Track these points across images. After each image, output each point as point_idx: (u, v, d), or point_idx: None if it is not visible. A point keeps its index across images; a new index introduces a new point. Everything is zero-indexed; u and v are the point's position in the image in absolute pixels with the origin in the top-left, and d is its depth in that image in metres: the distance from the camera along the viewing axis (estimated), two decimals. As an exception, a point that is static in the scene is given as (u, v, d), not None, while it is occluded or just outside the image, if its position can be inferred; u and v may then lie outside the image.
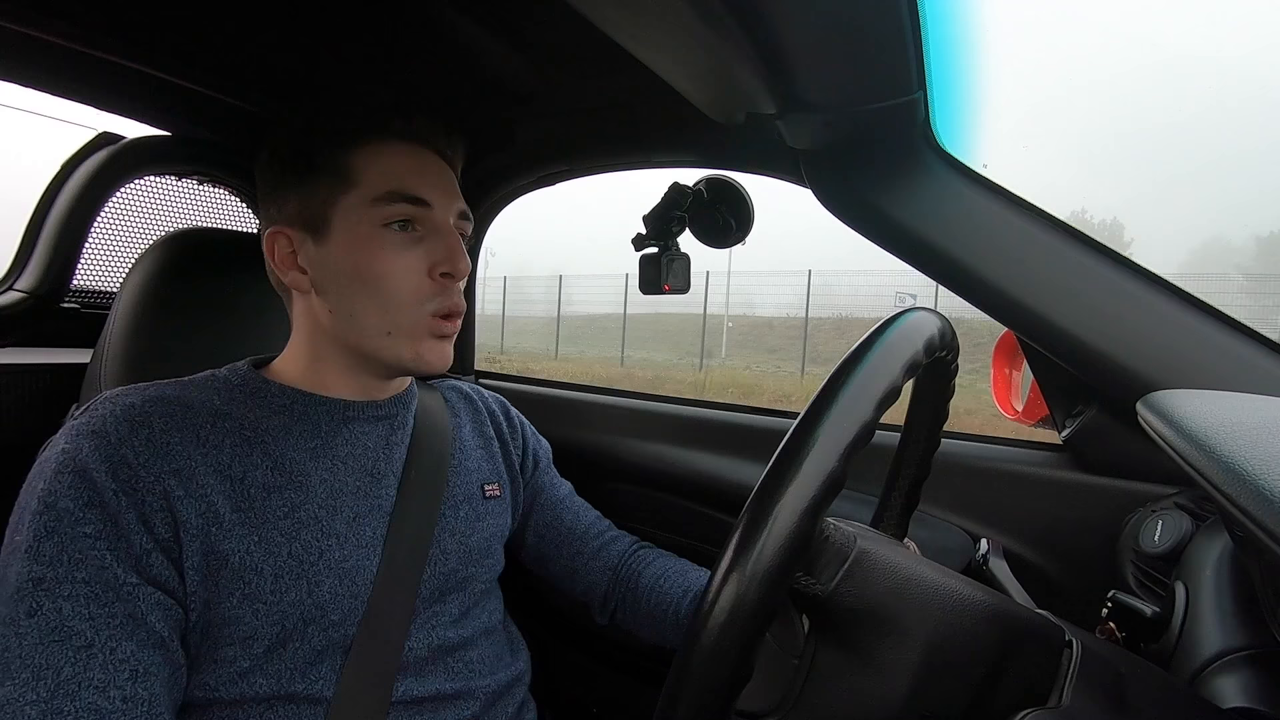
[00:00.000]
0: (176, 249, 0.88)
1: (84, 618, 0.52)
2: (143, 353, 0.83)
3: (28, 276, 1.09)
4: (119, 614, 0.53)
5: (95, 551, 0.53)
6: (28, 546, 0.53)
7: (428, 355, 0.70)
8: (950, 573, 0.47)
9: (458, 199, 0.74)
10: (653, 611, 0.85)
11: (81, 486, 0.55)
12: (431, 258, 0.69)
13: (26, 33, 0.83)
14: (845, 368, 0.43)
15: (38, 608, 0.51)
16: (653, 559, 0.90)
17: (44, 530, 0.53)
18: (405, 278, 0.68)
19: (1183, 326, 0.72)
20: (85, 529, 0.54)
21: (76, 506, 0.54)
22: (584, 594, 0.92)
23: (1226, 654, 0.52)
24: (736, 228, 0.98)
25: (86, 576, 0.53)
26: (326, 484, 0.67)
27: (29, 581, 0.52)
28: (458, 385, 0.93)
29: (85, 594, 0.52)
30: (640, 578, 0.88)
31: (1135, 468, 0.80)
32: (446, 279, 0.70)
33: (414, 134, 0.71)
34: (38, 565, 0.52)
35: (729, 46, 0.58)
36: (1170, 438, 0.51)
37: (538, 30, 0.85)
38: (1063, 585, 0.83)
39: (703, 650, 0.36)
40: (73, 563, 0.53)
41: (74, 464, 0.55)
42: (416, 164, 0.70)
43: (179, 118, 1.13)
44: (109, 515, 0.55)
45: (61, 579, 0.52)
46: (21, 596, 0.51)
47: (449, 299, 0.70)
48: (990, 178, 0.78)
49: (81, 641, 0.51)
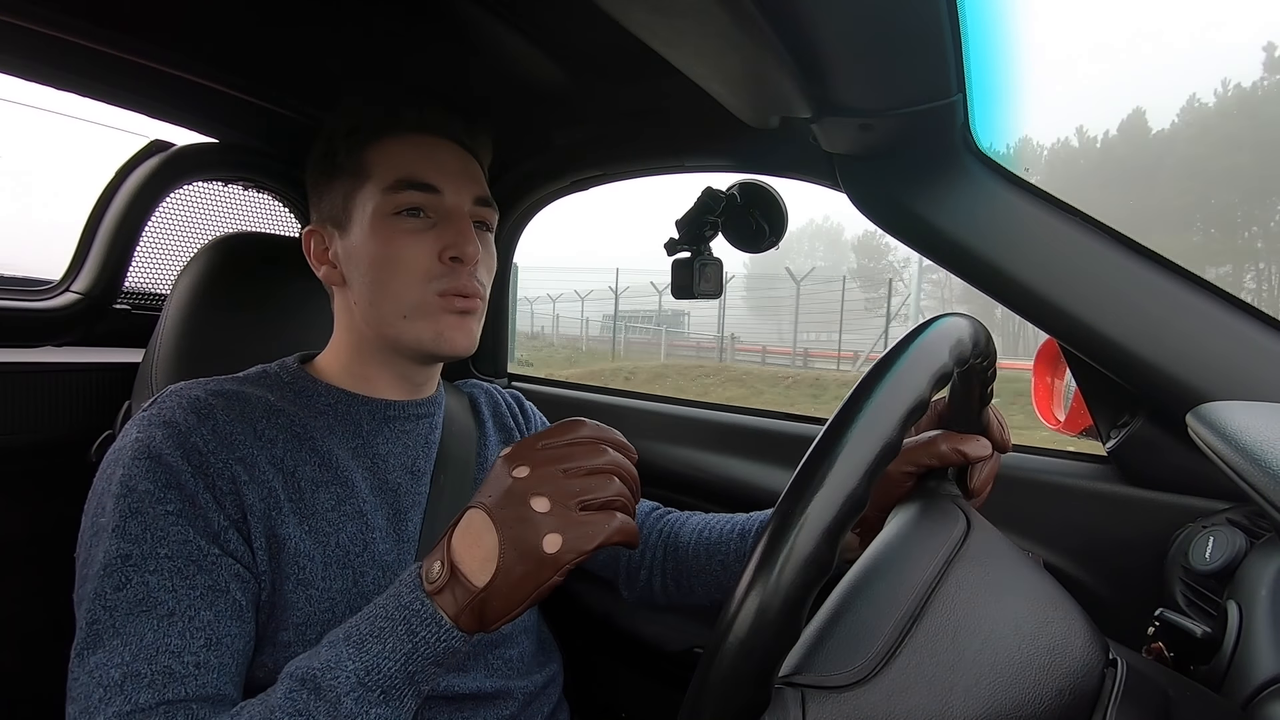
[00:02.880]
0: (224, 252, 0.91)
1: (168, 589, 0.55)
2: (193, 351, 0.86)
3: (83, 279, 1.14)
4: (200, 585, 0.56)
5: (178, 528, 0.57)
6: (115, 526, 0.56)
7: (449, 333, 0.71)
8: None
9: (474, 184, 0.74)
10: (706, 565, 0.82)
11: (159, 470, 0.58)
12: (441, 241, 0.70)
13: (80, 43, 0.87)
14: (868, 382, 0.42)
15: (126, 582, 0.54)
16: (685, 517, 0.88)
17: (129, 511, 0.56)
18: (415, 262, 0.69)
19: (1236, 334, 0.70)
20: (167, 507, 0.57)
21: (156, 488, 0.57)
22: (606, 566, 0.90)
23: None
24: (770, 232, 0.97)
25: (170, 552, 0.56)
26: (368, 481, 0.70)
27: (118, 558, 0.55)
28: (480, 384, 0.94)
29: (169, 568, 0.56)
30: (679, 536, 0.85)
31: (1184, 481, 0.77)
32: (455, 263, 0.70)
33: (426, 124, 0.73)
34: (125, 543, 0.56)
35: (763, 50, 0.57)
36: (1223, 451, 0.49)
37: (574, 36, 0.85)
38: (1108, 602, 0.80)
39: (721, 671, 0.35)
40: (156, 540, 0.56)
41: (149, 450, 0.59)
42: (427, 152, 0.72)
43: (225, 125, 1.17)
44: (186, 495, 0.58)
45: (147, 555, 0.55)
46: (109, 572, 0.55)
47: (457, 279, 0.70)
48: (1032, 181, 0.76)
49: (164, 610, 0.54)
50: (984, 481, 0.65)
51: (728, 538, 0.81)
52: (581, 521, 0.50)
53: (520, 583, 0.49)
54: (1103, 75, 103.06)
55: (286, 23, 0.87)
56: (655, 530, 0.88)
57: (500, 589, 0.49)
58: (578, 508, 0.50)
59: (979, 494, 0.65)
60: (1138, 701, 0.43)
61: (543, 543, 0.48)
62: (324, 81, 1.02)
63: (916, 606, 0.44)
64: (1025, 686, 0.41)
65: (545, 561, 0.49)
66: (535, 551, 0.48)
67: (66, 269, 1.15)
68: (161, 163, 1.14)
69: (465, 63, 0.93)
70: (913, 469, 0.64)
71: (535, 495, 0.49)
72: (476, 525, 0.50)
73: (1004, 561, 0.50)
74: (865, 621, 0.43)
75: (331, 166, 0.73)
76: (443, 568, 0.49)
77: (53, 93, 0.98)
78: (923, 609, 0.44)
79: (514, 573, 0.49)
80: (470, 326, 0.72)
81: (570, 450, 0.52)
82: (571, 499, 0.50)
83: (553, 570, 0.49)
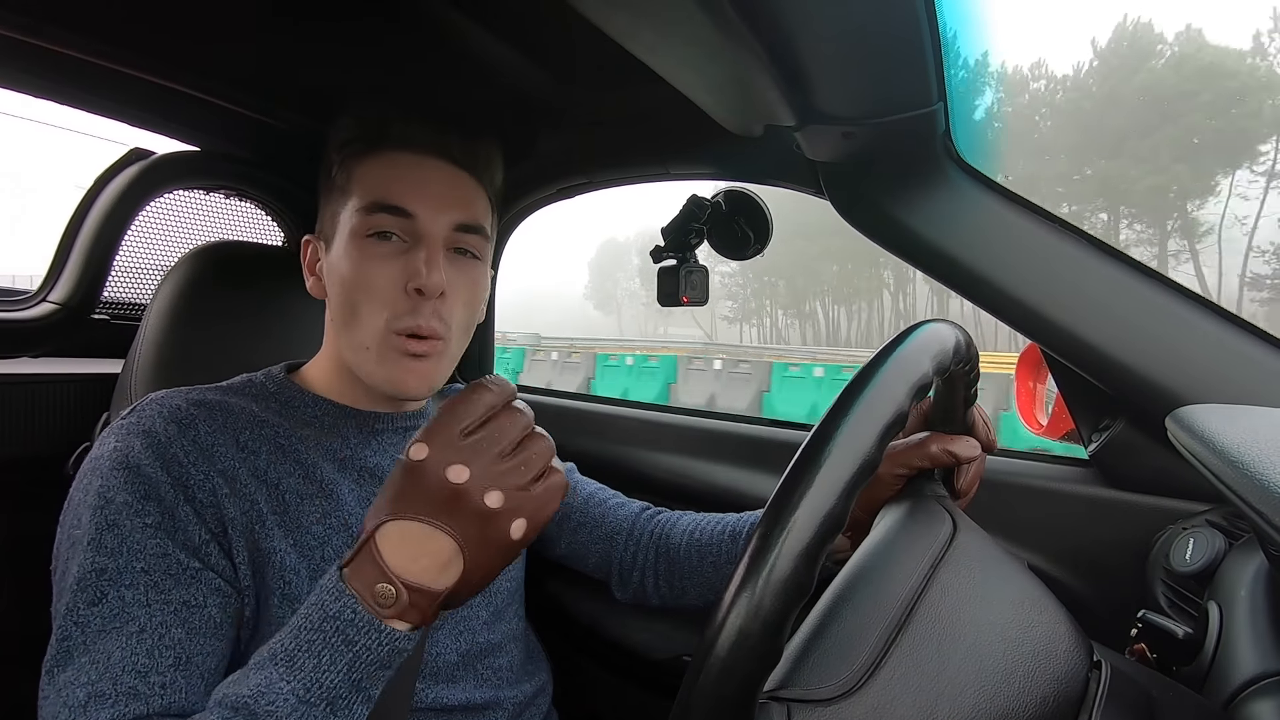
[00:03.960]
0: (206, 261, 0.90)
1: (142, 604, 0.54)
2: (174, 362, 0.85)
3: (60, 288, 1.12)
4: (175, 600, 0.55)
5: (155, 540, 0.55)
6: (90, 539, 0.55)
7: (402, 376, 0.66)
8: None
9: (457, 208, 0.68)
10: (698, 567, 0.81)
11: (137, 481, 0.57)
12: (407, 271, 0.65)
13: (61, 51, 0.86)
14: (846, 398, 0.42)
15: (101, 597, 0.53)
16: (676, 518, 0.88)
17: (105, 523, 0.55)
18: (377, 290, 0.65)
19: (1213, 339, 0.71)
20: (145, 519, 0.56)
21: (134, 499, 0.56)
22: (599, 568, 0.89)
23: (1263, 678, 0.50)
24: (755, 239, 0.98)
25: (146, 566, 0.55)
26: (355, 493, 0.68)
27: (92, 572, 0.54)
28: None
29: (145, 582, 0.54)
30: (670, 538, 0.85)
31: (1164, 484, 0.78)
32: (418, 295, 0.65)
33: (414, 141, 0.68)
34: (100, 556, 0.54)
35: (747, 59, 0.58)
36: (1202, 454, 0.50)
37: (558, 45, 0.85)
38: (1090, 604, 0.81)
39: (704, 694, 0.35)
40: (132, 553, 0.55)
41: (127, 461, 0.57)
42: (409, 172, 0.67)
43: (207, 133, 1.15)
44: (165, 508, 0.57)
45: (123, 569, 0.54)
46: (84, 587, 0.53)
47: (416, 318, 0.65)
48: (1011, 189, 0.77)
49: (135, 627, 0.53)
50: (970, 481, 0.66)
51: (718, 539, 0.81)
52: (534, 497, 0.49)
53: (490, 571, 0.50)
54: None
55: (268, 30, 0.87)
56: (646, 532, 0.87)
57: (472, 581, 0.49)
58: (529, 486, 0.49)
59: (966, 494, 0.66)
60: (1122, 703, 0.44)
61: (509, 531, 0.48)
62: (307, 90, 1.02)
63: (902, 615, 0.44)
64: (1010, 695, 0.41)
65: (514, 545, 0.49)
66: (503, 540, 0.48)
67: (44, 279, 1.13)
68: (141, 171, 1.12)
69: (449, 70, 0.93)
70: (904, 471, 0.65)
71: (488, 492, 0.47)
72: (415, 535, 0.47)
73: (989, 565, 0.50)
74: (851, 632, 0.43)
75: (328, 179, 0.71)
76: (393, 589, 0.46)
77: (29, 100, 0.97)
78: (908, 618, 0.44)
79: (485, 566, 0.49)
80: (426, 370, 0.67)
81: (493, 429, 0.49)
82: (520, 482, 0.49)
83: (520, 547, 0.50)
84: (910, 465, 0.64)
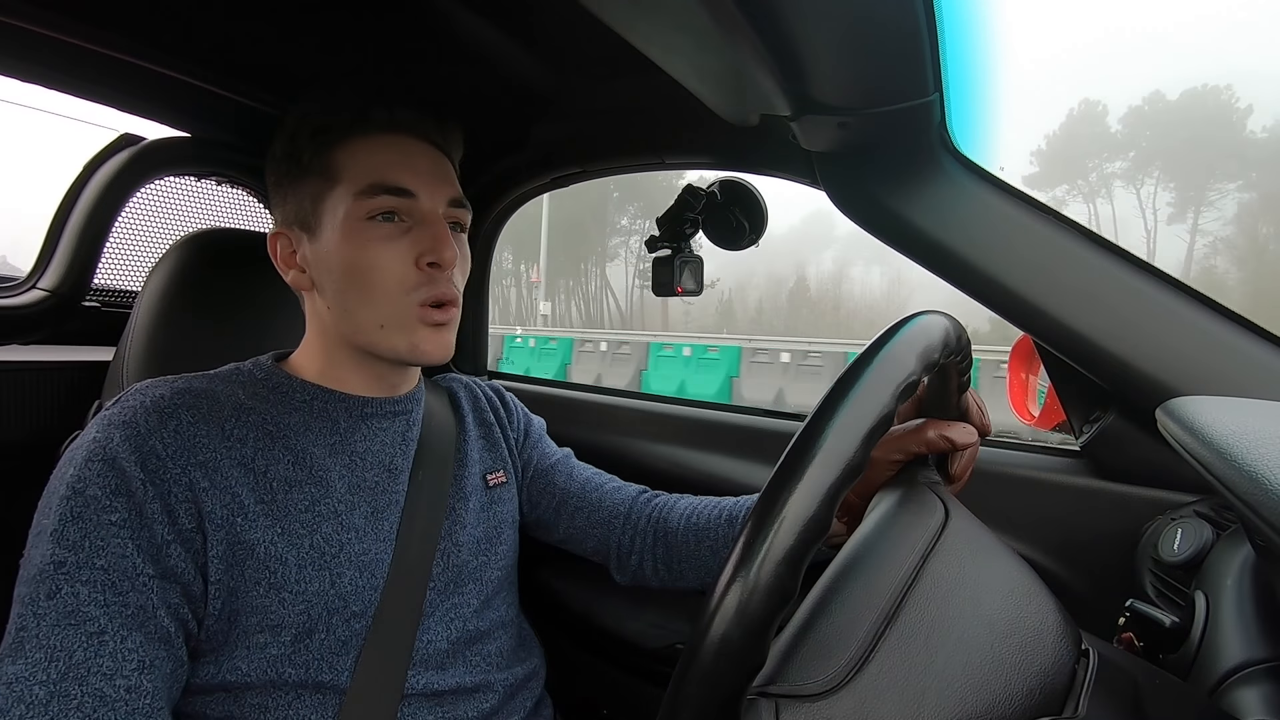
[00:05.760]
0: (197, 249, 0.89)
1: (99, 604, 0.53)
2: (165, 349, 0.85)
3: (50, 275, 1.11)
4: (131, 604, 0.54)
5: (118, 540, 0.55)
6: (53, 530, 0.54)
7: (424, 345, 0.69)
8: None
9: (448, 185, 0.72)
10: (695, 550, 0.82)
11: (110, 474, 0.56)
12: (418, 247, 0.68)
13: (49, 35, 0.85)
14: (832, 399, 0.41)
15: (57, 590, 0.53)
16: (674, 500, 0.88)
17: (70, 515, 0.55)
18: (391, 269, 0.67)
19: (1203, 331, 0.71)
20: (111, 516, 0.55)
21: (104, 494, 0.55)
22: (597, 552, 0.90)
23: (1248, 666, 0.51)
24: (750, 230, 0.97)
25: (105, 564, 0.54)
26: (345, 479, 0.68)
27: (51, 564, 0.53)
28: (459, 378, 0.93)
29: (103, 581, 0.54)
30: (668, 521, 0.86)
31: (1154, 475, 0.78)
32: (434, 268, 0.68)
33: (397, 125, 0.71)
34: (60, 549, 0.54)
35: (742, 48, 0.57)
36: (1191, 445, 0.51)
37: (553, 33, 0.85)
38: (1079, 593, 0.82)
39: (689, 693, 0.35)
40: (94, 549, 0.54)
41: (104, 453, 0.57)
42: (399, 154, 0.70)
43: (198, 119, 1.14)
44: (135, 504, 0.56)
45: (82, 564, 0.53)
46: (43, 578, 0.53)
47: (436, 287, 0.69)
48: (1007, 180, 0.77)
49: (95, 628, 0.52)
50: (964, 466, 0.66)
51: (715, 523, 0.82)
52: None
53: None
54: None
55: (260, 16, 0.86)
56: (644, 515, 0.88)
57: None
58: None
59: (960, 478, 0.66)
60: (1109, 690, 0.44)
61: None
62: (299, 76, 1.01)
63: (891, 607, 0.44)
64: (997, 687, 0.42)
65: None
66: None
67: (33, 265, 1.12)
68: (132, 157, 1.11)
69: (443, 58, 0.92)
70: (900, 457, 0.65)
71: None
72: None
73: (980, 555, 0.50)
74: (840, 627, 0.43)
75: (296, 167, 0.70)
76: None
77: (18, 85, 0.95)
78: (897, 610, 0.44)
79: None
80: (446, 338, 0.71)
81: None
82: None
83: None
84: (906, 451, 0.65)
